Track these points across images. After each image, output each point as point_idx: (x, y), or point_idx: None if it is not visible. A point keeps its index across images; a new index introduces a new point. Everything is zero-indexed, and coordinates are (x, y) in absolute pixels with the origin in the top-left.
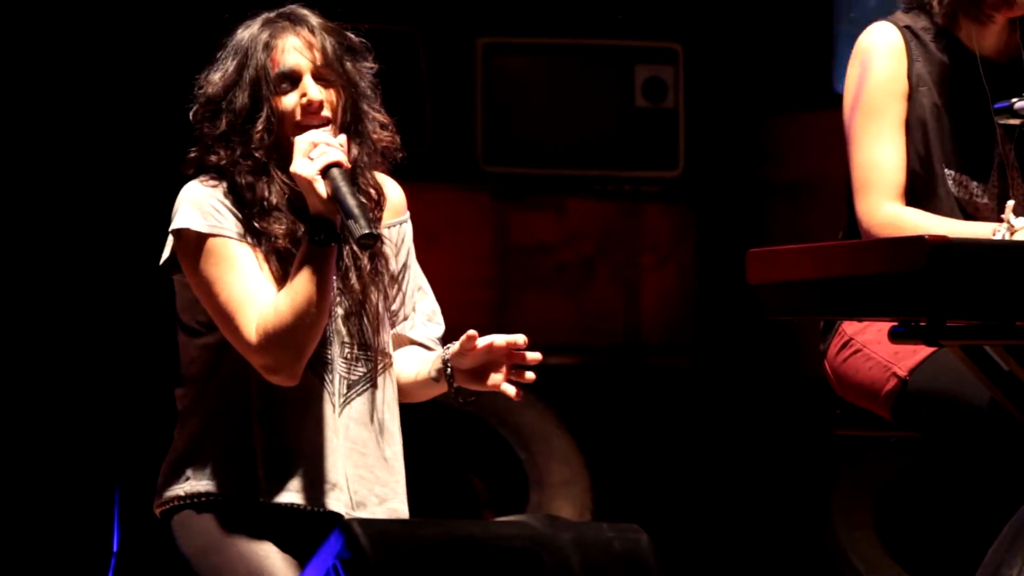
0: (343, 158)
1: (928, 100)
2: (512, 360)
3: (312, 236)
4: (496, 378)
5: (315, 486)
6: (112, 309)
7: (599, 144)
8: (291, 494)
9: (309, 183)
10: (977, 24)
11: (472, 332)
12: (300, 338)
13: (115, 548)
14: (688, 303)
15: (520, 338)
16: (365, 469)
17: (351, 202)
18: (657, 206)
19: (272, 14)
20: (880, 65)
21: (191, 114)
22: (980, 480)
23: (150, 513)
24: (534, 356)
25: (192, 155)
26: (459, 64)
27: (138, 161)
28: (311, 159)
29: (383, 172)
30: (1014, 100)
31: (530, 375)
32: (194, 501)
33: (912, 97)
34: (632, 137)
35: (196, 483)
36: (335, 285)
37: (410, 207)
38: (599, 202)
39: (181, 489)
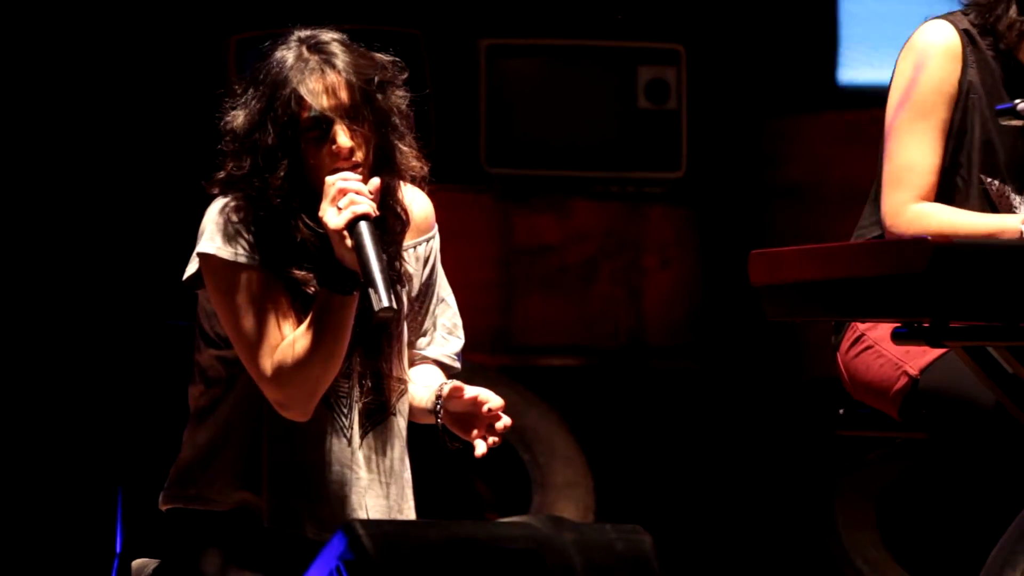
0: (371, 208)
1: (976, 108)
2: (490, 418)
3: (333, 284)
4: (475, 431)
5: (325, 518)
6: (116, 308)
7: (602, 145)
8: (298, 524)
9: (335, 233)
10: None
11: (459, 384)
12: (314, 379)
13: (118, 549)
14: (691, 305)
15: (494, 401)
16: (387, 499)
17: (374, 268)
18: (660, 207)
19: (304, 43)
20: (935, 66)
21: (221, 126)
22: (984, 482)
23: (154, 515)
24: (504, 422)
25: (220, 177)
26: (462, 66)
27: (146, 162)
28: (339, 208)
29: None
30: (1017, 101)
31: (493, 439)
32: (200, 511)
33: (961, 103)
34: (635, 138)
35: (202, 496)
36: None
37: None
38: (602, 203)
39: (187, 498)
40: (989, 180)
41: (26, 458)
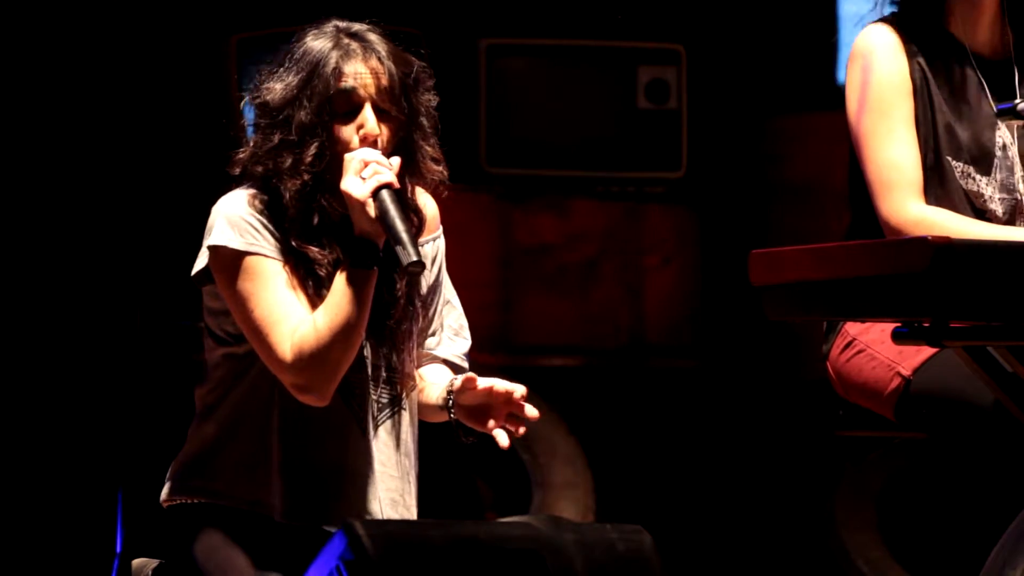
0: (394, 179)
1: (931, 94)
2: (510, 408)
3: (355, 258)
4: (491, 422)
5: (343, 511)
6: (118, 307)
7: (602, 145)
8: (313, 516)
9: (359, 203)
10: (969, 15)
11: (470, 374)
12: (335, 359)
13: (118, 549)
14: (691, 304)
15: (519, 389)
16: (396, 493)
17: (400, 227)
18: (660, 207)
19: (343, 31)
20: (883, 64)
21: (243, 106)
22: (983, 481)
23: (154, 514)
24: (531, 412)
25: (240, 156)
26: (463, 65)
27: (149, 161)
28: (363, 179)
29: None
30: (1017, 101)
31: (522, 429)
32: (203, 505)
33: (916, 92)
34: (635, 138)
35: (206, 490)
36: None
37: None
38: (602, 203)
39: (190, 492)
40: (955, 163)
41: (28, 457)
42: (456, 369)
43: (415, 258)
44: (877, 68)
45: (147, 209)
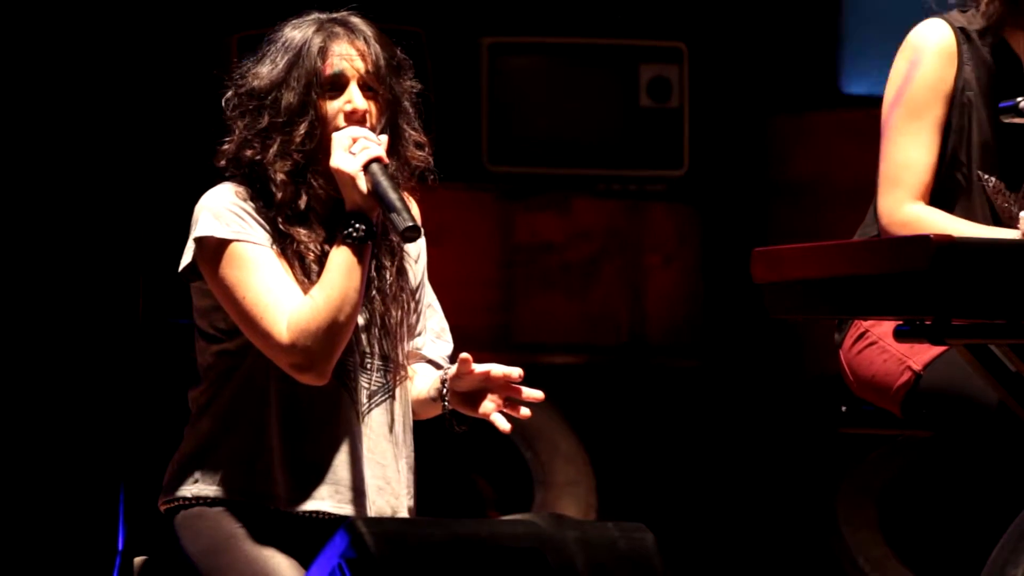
0: (383, 153)
1: (972, 105)
2: (508, 392)
3: (349, 232)
4: (487, 407)
5: (341, 494)
6: (118, 307)
7: (604, 144)
8: (318, 503)
9: (350, 178)
10: (1022, 30)
11: (466, 355)
12: (334, 335)
13: (120, 547)
14: (693, 303)
15: (516, 371)
16: (383, 480)
17: (393, 196)
18: (662, 206)
19: (326, 17)
20: (929, 65)
21: (224, 101)
22: (985, 479)
23: (155, 512)
24: (534, 394)
25: (225, 147)
26: (464, 64)
27: (149, 160)
28: (352, 154)
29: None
30: (1019, 99)
31: (525, 411)
32: (201, 502)
33: (956, 100)
34: (637, 137)
35: (204, 486)
36: None
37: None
38: (604, 202)
39: (188, 491)
40: (986, 177)
41: (28, 456)
42: (441, 370)
43: (411, 223)
44: (923, 67)
45: (148, 207)
